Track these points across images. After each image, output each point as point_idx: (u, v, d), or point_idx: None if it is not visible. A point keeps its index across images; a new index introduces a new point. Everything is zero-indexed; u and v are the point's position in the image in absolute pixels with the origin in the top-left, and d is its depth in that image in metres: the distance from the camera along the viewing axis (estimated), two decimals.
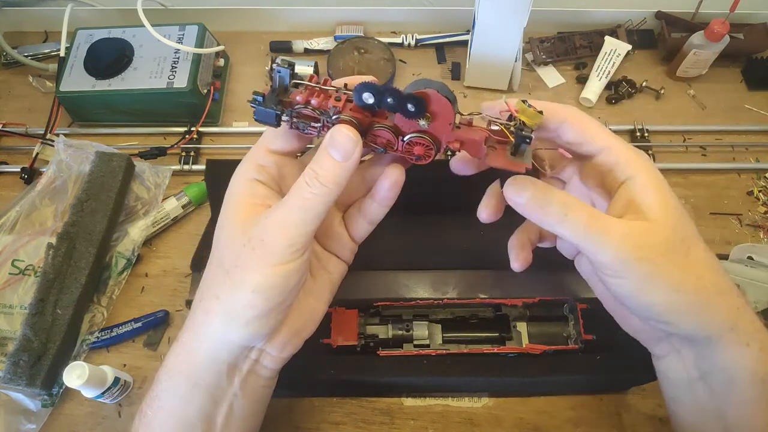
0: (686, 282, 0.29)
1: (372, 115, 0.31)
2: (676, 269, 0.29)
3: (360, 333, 0.46)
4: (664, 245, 0.29)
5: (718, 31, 0.63)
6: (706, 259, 0.31)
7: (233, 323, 0.31)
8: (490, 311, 0.49)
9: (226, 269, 0.31)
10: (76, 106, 0.65)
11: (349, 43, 0.71)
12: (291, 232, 0.30)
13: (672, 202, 0.30)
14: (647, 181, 0.30)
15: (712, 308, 0.30)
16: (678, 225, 0.30)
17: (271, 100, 0.30)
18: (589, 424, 0.50)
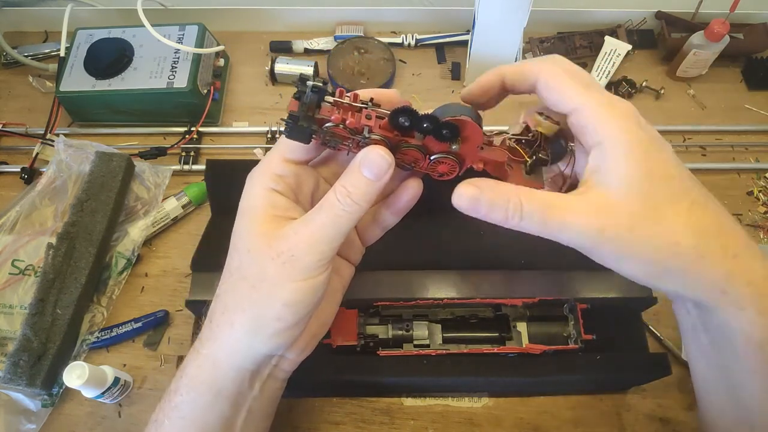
0: (660, 251, 0.28)
1: (401, 134, 0.31)
2: (647, 241, 0.28)
3: (360, 333, 0.46)
4: (630, 219, 0.28)
5: (718, 31, 0.63)
6: (688, 220, 0.28)
7: (261, 335, 0.31)
8: (490, 311, 0.49)
9: (251, 283, 0.31)
10: (76, 106, 0.65)
11: (349, 43, 0.71)
12: (321, 248, 0.30)
13: (642, 168, 0.28)
14: (614, 147, 0.28)
15: (694, 274, 0.29)
16: (650, 191, 0.28)
17: (305, 119, 0.30)
18: (589, 424, 0.50)
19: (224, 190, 0.55)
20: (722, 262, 0.28)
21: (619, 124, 0.28)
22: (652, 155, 0.28)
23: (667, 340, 0.53)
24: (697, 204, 0.29)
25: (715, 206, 0.30)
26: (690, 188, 0.29)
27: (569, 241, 0.30)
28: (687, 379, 0.52)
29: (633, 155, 0.28)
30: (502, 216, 0.30)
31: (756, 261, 0.29)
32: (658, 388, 0.51)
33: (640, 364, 0.48)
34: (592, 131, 0.29)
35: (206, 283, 0.50)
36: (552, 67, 0.31)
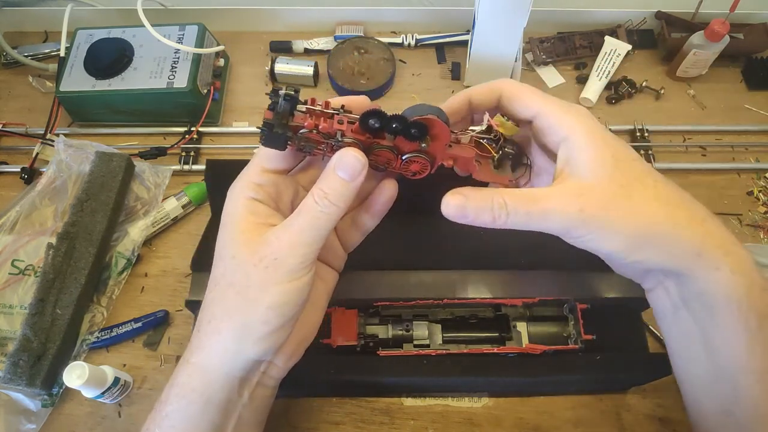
0: (634, 225, 0.31)
1: (373, 136, 0.33)
2: (620, 217, 0.31)
3: (360, 333, 0.46)
4: (602, 199, 0.31)
5: (718, 31, 0.63)
6: (657, 194, 0.31)
7: (248, 340, 0.32)
8: (490, 311, 0.49)
9: (236, 289, 0.32)
10: (76, 106, 0.65)
11: (349, 43, 0.71)
12: (303, 250, 0.31)
13: (606, 153, 0.31)
14: (578, 139, 0.32)
15: (671, 241, 0.31)
16: (615, 173, 0.31)
17: (279, 126, 0.31)
18: (589, 424, 0.50)
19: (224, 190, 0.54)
20: (694, 227, 0.31)
21: (579, 120, 0.32)
22: (611, 143, 0.32)
23: None
24: (659, 181, 0.32)
25: (673, 183, 0.33)
26: (650, 169, 0.33)
27: (553, 228, 0.32)
28: None
29: (596, 144, 0.32)
30: (489, 217, 0.33)
31: (719, 227, 0.32)
32: (658, 388, 0.51)
33: (640, 364, 0.48)
34: (556, 129, 0.33)
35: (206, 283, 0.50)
36: (512, 82, 0.35)
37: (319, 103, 0.32)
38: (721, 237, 0.31)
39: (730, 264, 0.31)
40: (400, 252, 0.52)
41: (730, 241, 0.32)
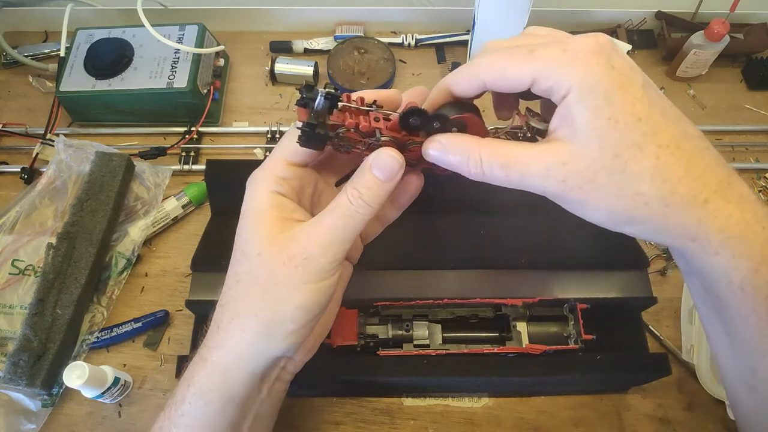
0: (624, 200, 0.28)
1: (409, 133, 0.32)
2: (609, 190, 0.28)
3: (360, 333, 0.46)
4: (590, 169, 0.27)
5: (718, 31, 0.63)
6: (654, 166, 0.27)
7: (275, 338, 0.31)
8: (490, 311, 0.49)
9: (263, 286, 0.31)
10: (76, 106, 0.65)
11: (349, 43, 0.71)
12: (335, 249, 0.31)
13: (605, 113, 0.27)
14: (575, 96, 0.27)
15: (660, 223, 0.28)
16: (611, 139, 0.27)
17: (321, 126, 0.30)
18: (589, 424, 0.50)
19: (224, 190, 0.55)
20: (690, 209, 0.27)
21: (578, 72, 0.27)
22: (616, 98, 0.27)
23: (667, 340, 0.53)
24: (665, 147, 0.27)
25: (690, 145, 0.28)
26: (660, 130, 0.27)
27: (535, 190, 0.30)
28: (687, 379, 0.52)
29: (594, 102, 0.27)
30: (465, 170, 0.31)
31: (730, 204, 0.28)
32: (658, 388, 0.51)
33: (640, 364, 0.48)
34: (555, 90, 0.28)
35: (206, 283, 0.50)
36: (486, 62, 0.29)
37: (354, 99, 0.32)
38: (726, 218, 0.27)
39: (732, 248, 0.27)
40: (400, 252, 0.52)
41: (738, 221, 0.27)
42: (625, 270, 0.51)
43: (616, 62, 0.27)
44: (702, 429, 0.50)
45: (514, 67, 0.28)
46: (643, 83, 0.28)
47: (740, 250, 0.27)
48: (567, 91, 0.27)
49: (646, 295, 0.50)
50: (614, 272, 0.51)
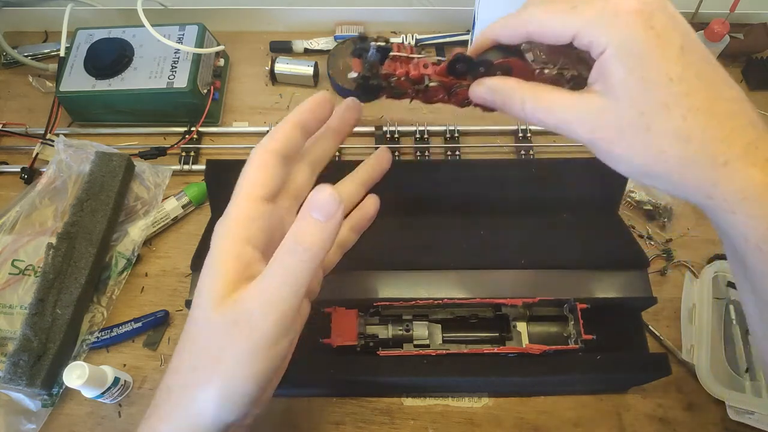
0: (646, 157, 0.29)
1: (456, 78, 0.34)
2: (633, 146, 0.29)
3: (360, 333, 0.46)
4: (617, 124, 0.29)
5: (718, 31, 0.63)
6: (678, 127, 0.28)
7: (227, 408, 0.29)
8: (490, 311, 0.49)
9: (213, 355, 0.29)
10: (76, 106, 0.65)
11: (349, 42, 0.71)
12: (281, 308, 0.28)
13: (637, 73, 0.28)
14: (611, 54, 0.29)
15: (679, 181, 0.29)
16: (640, 98, 0.29)
17: (374, 77, 0.33)
18: (589, 424, 0.50)
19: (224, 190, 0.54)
20: (709, 170, 0.28)
21: (615, 31, 0.28)
22: (651, 59, 0.28)
23: (667, 340, 0.53)
24: (694, 110, 0.28)
25: (722, 108, 0.29)
26: (692, 91, 0.28)
27: (567, 135, 0.31)
28: (687, 379, 0.52)
29: (627, 62, 0.28)
30: (509, 111, 0.33)
31: (754, 167, 0.28)
32: (658, 388, 0.51)
33: (640, 364, 0.48)
34: (594, 47, 0.29)
35: None
36: (531, 14, 0.32)
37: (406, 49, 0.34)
38: (745, 179, 0.28)
39: (749, 208, 0.28)
40: (399, 252, 0.52)
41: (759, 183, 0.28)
42: (625, 270, 0.51)
43: (657, 21, 0.28)
44: (702, 429, 0.50)
45: (556, 21, 0.30)
46: (681, 44, 0.29)
47: (757, 211, 0.28)
48: (604, 48, 0.28)
49: (646, 295, 0.50)
50: (614, 272, 0.51)
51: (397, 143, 0.65)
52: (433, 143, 0.65)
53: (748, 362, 0.50)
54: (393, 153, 0.64)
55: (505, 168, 0.56)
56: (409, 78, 0.34)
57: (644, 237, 0.59)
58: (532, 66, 0.35)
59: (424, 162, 0.62)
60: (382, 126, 0.65)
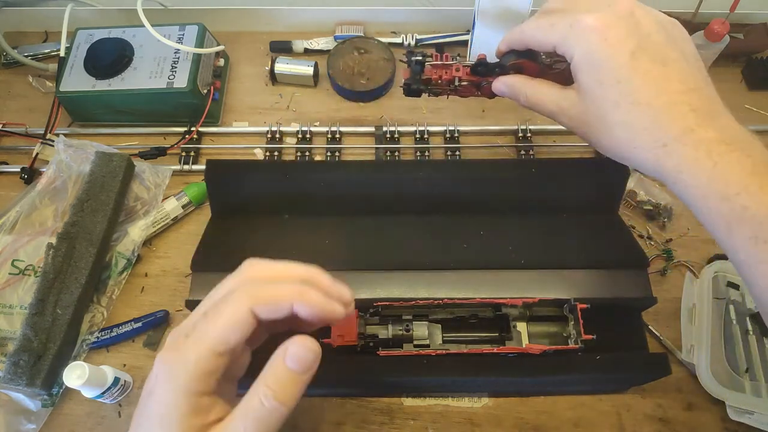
0: (605, 141, 0.39)
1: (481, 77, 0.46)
2: (596, 131, 0.39)
3: (360, 333, 0.46)
4: (584, 114, 0.39)
5: (718, 31, 0.63)
6: (624, 119, 0.37)
7: None
8: (490, 311, 0.49)
9: None
10: (76, 106, 0.65)
11: (349, 43, 0.71)
12: None
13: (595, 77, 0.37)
14: (576, 62, 0.37)
15: (631, 159, 0.38)
16: (597, 95, 0.37)
17: (415, 82, 0.48)
18: (589, 424, 0.50)
19: (224, 190, 0.55)
20: (650, 151, 0.36)
21: (578, 45, 0.37)
22: (603, 66, 0.36)
23: (667, 340, 0.53)
24: (636, 104, 0.36)
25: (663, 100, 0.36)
26: (635, 90, 0.36)
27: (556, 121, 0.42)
28: (687, 379, 0.52)
29: (587, 68, 0.37)
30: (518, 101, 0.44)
31: (686, 147, 0.35)
32: (658, 388, 0.51)
33: (640, 364, 0.48)
34: (568, 56, 0.38)
35: (206, 283, 0.50)
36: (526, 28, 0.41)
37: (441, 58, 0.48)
38: (680, 157, 0.35)
39: (684, 180, 0.35)
40: (399, 252, 0.52)
41: (691, 159, 0.35)
42: (625, 270, 0.51)
43: (611, 34, 0.36)
44: (702, 429, 0.50)
45: (541, 35, 0.40)
46: (632, 51, 0.36)
47: (691, 182, 0.35)
48: (571, 57, 0.38)
49: (646, 295, 0.50)
50: (614, 272, 0.51)
51: (397, 143, 0.65)
52: (433, 143, 0.65)
53: (748, 362, 0.50)
54: (393, 153, 0.64)
55: (505, 168, 0.56)
56: (443, 80, 0.47)
57: (644, 237, 0.59)
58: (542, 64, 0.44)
59: (424, 162, 0.62)
60: (382, 126, 0.66)
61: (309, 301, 0.30)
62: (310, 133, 0.65)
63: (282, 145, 0.65)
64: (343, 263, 0.51)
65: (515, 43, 0.43)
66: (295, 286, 0.31)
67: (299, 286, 0.31)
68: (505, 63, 0.45)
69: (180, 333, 0.30)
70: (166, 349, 0.29)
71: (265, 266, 0.32)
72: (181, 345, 0.29)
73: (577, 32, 0.37)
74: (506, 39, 0.43)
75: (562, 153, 0.64)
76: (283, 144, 0.65)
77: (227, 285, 0.31)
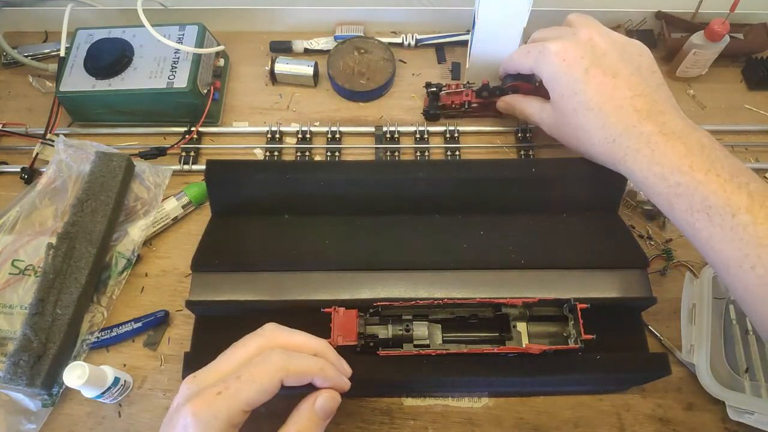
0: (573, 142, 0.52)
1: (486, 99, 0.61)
2: (566, 135, 0.52)
3: (360, 333, 0.46)
4: (555, 122, 0.52)
5: (718, 31, 0.63)
6: (578, 124, 0.49)
7: None
8: (490, 311, 0.49)
9: None
10: (76, 106, 0.65)
11: (349, 43, 0.71)
12: None
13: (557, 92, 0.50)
14: (545, 79, 0.51)
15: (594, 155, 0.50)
16: (561, 106, 0.50)
17: (433, 108, 0.64)
18: (589, 424, 0.50)
19: (224, 190, 0.55)
20: (604, 146, 0.48)
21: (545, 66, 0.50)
22: (563, 81, 0.49)
23: (667, 340, 0.53)
24: (589, 110, 0.48)
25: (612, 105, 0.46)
26: (588, 98, 0.47)
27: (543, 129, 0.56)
28: (687, 378, 0.52)
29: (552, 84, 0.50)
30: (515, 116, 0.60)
31: (630, 139, 0.46)
32: (658, 388, 0.51)
33: (640, 364, 0.48)
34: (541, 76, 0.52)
35: (206, 283, 0.50)
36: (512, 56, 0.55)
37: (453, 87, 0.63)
38: (625, 149, 0.46)
39: (630, 167, 0.46)
40: (400, 252, 0.52)
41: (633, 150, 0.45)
42: (625, 270, 0.51)
43: (568, 56, 0.48)
44: (702, 429, 0.50)
45: (521, 62, 0.54)
46: (586, 67, 0.48)
47: (635, 167, 0.46)
48: (544, 80, 0.51)
49: (646, 295, 0.50)
50: (614, 272, 0.51)
51: (397, 143, 0.65)
52: (433, 143, 0.65)
53: (748, 362, 0.50)
54: (393, 153, 0.64)
55: (505, 168, 0.55)
56: (456, 104, 0.62)
57: (644, 237, 0.59)
58: (534, 84, 0.57)
59: (424, 162, 0.62)
60: (382, 126, 0.66)
61: (326, 377, 0.37)
62: (310, 133, 0.65)
63: (282, 145, 0.65)
64: (344, 263, 0.51)
65: (508, 67, 0.56)
66: (318, 361, 0.37)
67: (321, 362, 0.37)
68: (504, 85, 0.59)
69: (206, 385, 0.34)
70: (197, 402, 0.33)
71: (288, 335, 0.38)
72: (214, 401, 0.33)
73: (544, 57, 0.50)
74: (502, 64, 0.58)
75: (562, 153, 0.64)
76: (283, 144, 0.65)
77: (252, 345, 0.37)
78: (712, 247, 0.41)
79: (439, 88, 0.60)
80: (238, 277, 0.50)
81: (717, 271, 0.43)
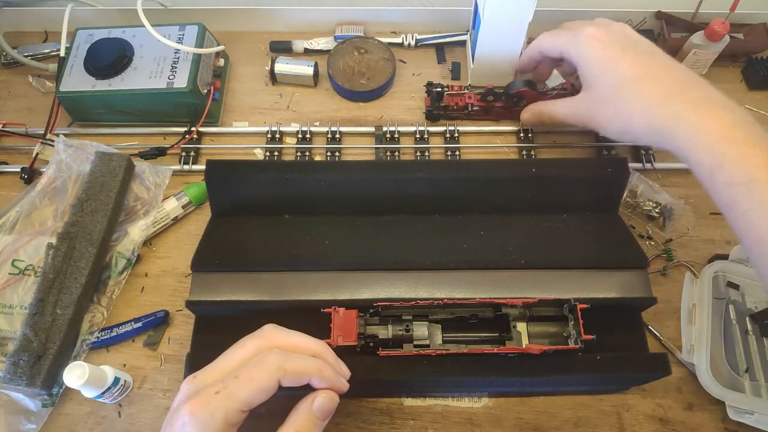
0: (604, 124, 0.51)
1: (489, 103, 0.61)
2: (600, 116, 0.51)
3: (360, 333, 0.46)
4: (595, 102, 0.51)
5: (718, 31, 0.63)
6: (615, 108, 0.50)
7: None
8: (490, 311, 0.49)
9: None
10: (76, 106, 0.65)
11: (349, 43, 0.71)
12: None
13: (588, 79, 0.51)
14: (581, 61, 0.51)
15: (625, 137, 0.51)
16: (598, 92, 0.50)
17: (435, 108, 0.63)
18: (589, 424, 0.50)
19: (224, 190, 0.55)
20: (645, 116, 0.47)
21: (580, 48, 0.51)
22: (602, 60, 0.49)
23: (667, 340, 0.53)
24: (631, 80, 0.48)
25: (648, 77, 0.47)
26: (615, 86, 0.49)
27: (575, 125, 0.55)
28: (687, 378, 0.52)
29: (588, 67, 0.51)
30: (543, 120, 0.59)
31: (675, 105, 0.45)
32: (658, 388, 0.51)
33: (640, 364, 0.48)
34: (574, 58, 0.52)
35: (206, 283, 0.50)
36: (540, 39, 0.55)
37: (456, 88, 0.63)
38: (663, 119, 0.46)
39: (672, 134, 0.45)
40: (400, 252, 0.52)
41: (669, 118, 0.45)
42: (625, 270, 0.51)
43: (603, 37, 0.50)
44: (702, 429, 0.50)
45: (550, 44, 0.54)
46: (623, 47, 0.49)
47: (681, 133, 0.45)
48: (577, 60, 0.51)
49: (646, 295, 0.50)
50: (614, 272, 0.51)
51: (397, 143, 0.65)
52: (433, 143, 0.65)
53: (748, 362, 0.50)
54: (393, 153, 0.64)
55: (505, 168, 0.56)
56: (458, 106, 0.62)
57: (644, 237, 0.59)
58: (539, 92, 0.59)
59: (424, 162, 0.62)
60: (382, 126, 0.66)
61: (324, 377, 0.37)
62: (310, 133, 0.65)
63: (282, 145, 0.65)
64: (343, 263, 0.51)
65: (535, 49, 0.56)
66: (315, 362, 0.37)
67: (318, 363, 0.37)
68: (509, 91, 0.59)
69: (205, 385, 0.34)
70: (195, 402, 0.33)
71: (286, 336, 0.38)
72: (211, 400, 0.33)
73: (578, 38, 0.51)
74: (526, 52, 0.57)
75: (562, 153, 0.64)
76: (283, 144, 0.65)
77: (250, 346, 0.37)
78: (747, 221, 0.41)
79: (441, 88, 0.59)
80: (238, 277, 0.50)
81: (747, 246, 0.42)
